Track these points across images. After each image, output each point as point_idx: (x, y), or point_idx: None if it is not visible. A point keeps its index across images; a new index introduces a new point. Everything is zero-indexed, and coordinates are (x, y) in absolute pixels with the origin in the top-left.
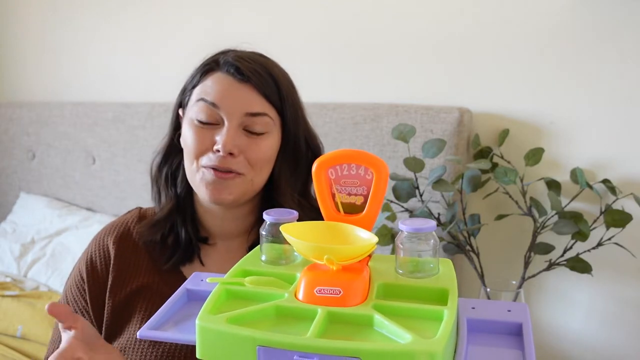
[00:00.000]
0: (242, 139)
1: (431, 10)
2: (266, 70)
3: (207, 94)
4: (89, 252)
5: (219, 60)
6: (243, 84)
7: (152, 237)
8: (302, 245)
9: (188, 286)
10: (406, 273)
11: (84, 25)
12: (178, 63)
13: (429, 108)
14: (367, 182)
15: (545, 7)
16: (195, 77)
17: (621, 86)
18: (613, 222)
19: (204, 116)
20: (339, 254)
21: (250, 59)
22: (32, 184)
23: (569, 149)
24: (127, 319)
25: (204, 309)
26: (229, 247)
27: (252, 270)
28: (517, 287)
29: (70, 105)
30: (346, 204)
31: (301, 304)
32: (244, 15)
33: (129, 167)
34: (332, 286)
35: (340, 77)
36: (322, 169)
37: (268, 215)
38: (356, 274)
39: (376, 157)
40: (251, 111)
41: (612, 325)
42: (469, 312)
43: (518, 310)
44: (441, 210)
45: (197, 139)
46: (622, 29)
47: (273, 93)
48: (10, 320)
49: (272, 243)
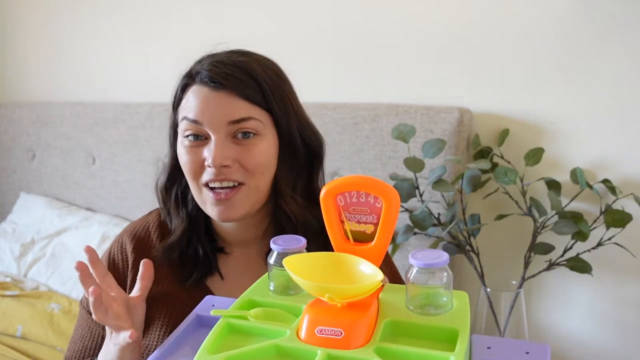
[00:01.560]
0: (231, 148)
1: (431, 11)
2: (243, 70)
3: (188, 111)
4: (111, 251)
5: (192, 72)
6: (219, 92)
7: (171, 257)
8: (304, 283)
9: (199, 312)
10: (417, 308)
11: (84, 25)
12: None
13: (429, 108)
14: (377, 211)
15: (546, 8)
16: (176, 94)
17: (621, 86)
18: (613, 222)
19: (191, 135)
20: (340, 293)
21: (224, 63)
22: (32, 184)
23: (569, 149)
24: (147, 325)
25: (203, 348)
26: (246, 255)
27: (259, 301)
28: (517, 287)
29: (70, 105)
30: (356, 232)
31: (301, 344)
32: (244, 16)
33: (129, 167)
34: (333, 327)
35: (340, 77)
36: (331, 195)
37: (275, 245)
38: (361, 312)
39: (386, 185)
40: (233, 118)
41: (612, 325)
42: (483, 354)
43: (537, 351)
44: (441, 210)
45: (189, 159)
46: (622, 29)
47: (254, 93)
48: (10, 320)
49: (280, 272)
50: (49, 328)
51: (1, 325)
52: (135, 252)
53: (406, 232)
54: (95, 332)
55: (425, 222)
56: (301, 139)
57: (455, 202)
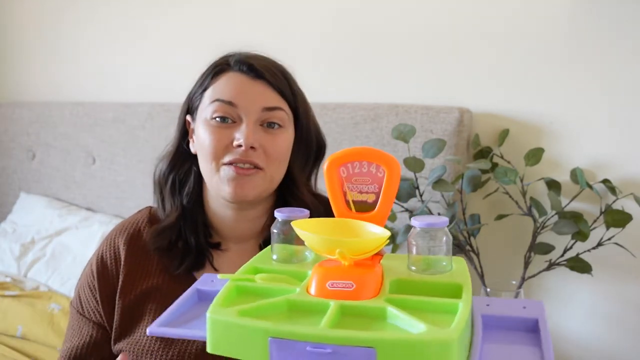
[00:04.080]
0: (260, 134)
1: (431, 11)
2: (276, 67)
3: (222, 93)
4: (100, 251)
5: (229, 60)
6: (257, 81)
7: (160, 244)
8: (314, 239)
9: (198, 286)
10: (418, 270)
11: (84, 25)
12: (178, 63)
13: (429, 108)
14: (379, 180)
15: (546, 8)
16: (205, 80)
17: (621, 86)
18: (613, 222)
19: (219, 116)
20: (351, 248)
21: (259, 57)
22: (32, 184)
23: (569, 149)
24: (137, 319)
25: (215, 302)
26: (242, 251)
27: (263, 268)
28: (517, 287)
29: (70, 105)
30: (357, 202)
31: (313, 298)
32: (244, 16)
33: (129, 167)
34: (344, 280)
35: (340, 77)
36: (334, 166)
37: (280, 213)
38: (369, 269)
39: (388, 155)
40: (268, 105)
41: (612, 325)
42: (483, 309)
43: (533, 306)
44: (441, 210)
45: (215, 137)
46: (622, 29)
47: (286, 88)
48: (10, 320)
49: (283, 242)
50: (49, 328)
51: (1, 325)
52: (127, 248)
53: (406, 232)
54: (84, 332)
55: None
56: (315, 138)
57: (455, 202)
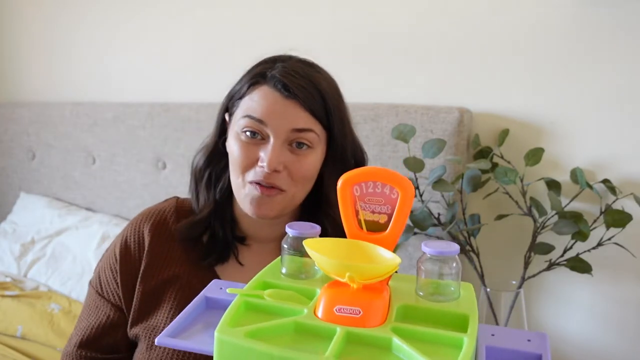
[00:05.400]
0: (286, 155)
1: (431, 11)
2: (313, 84)
3: (253, 110)
4: (125, 235)
5: (267, 73)
6: (289, 100)
7: (190, 236)
8: (325, 261)
9: (207, 294)
10: (426, 295)
11: (83, 25)
12: (178, 63)
13: (429, 108)
14: (392, 201)
15: (546, 7)
16: (242, 87)
17: (621, 86)
18: (613, 222)
19: (250, 132)
20: (361, 273)
21: (297, 72)
22: (32, 184)
23: (569, 149)
24: (155, 306)
25: (223, 321)
26: (264, 249)
27: (272, 283)
28: (517, 287)
29: (70, 105)
30: (369, 221)
31: (320, 321)
32: (244, 16)
33: (129, 167)
34: (352, 305)
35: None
36: (348, 185)
37: (291, 229)
38: (377, 294)
39: (403, 177)
40: (297, 127)
41: (612, 325)
42: (488, 340)
43: (538, 340)
44: (441, 210)
45: (242, 154)
46: (622, 29)
47: (319, 108)
48: (10, 320)
49: (293, 256)
50: (49, 328)
51: (1, 325)
52: (152, 235)
53: (406, 232)
54: (101, 312)
55: (425, 222)
56: (352, 155)
57: (455, 202)
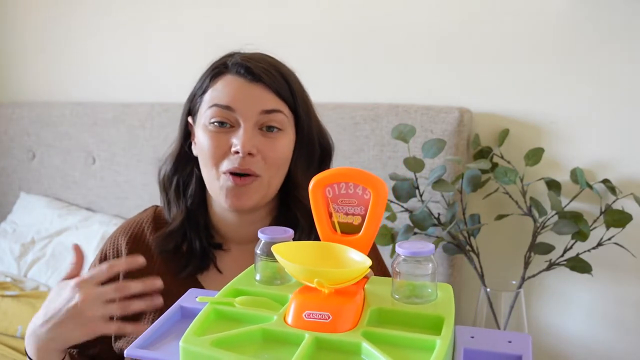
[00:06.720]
0: (258, 138)
1: (431, 10)
2: (275, 68)
3: (219, 98)
4: (104, 250)
5: (227, 62)
6: (255, 84)
7: (166, 248)
8: (293, 267)
9: (182, 303)
10: (402, 298)
11: (84, 25)
12: (178, 63)
13: (429, 108)
14: (365, 202)
15: (546, 7)
16: (204, 82)
17: (621, 86)
18: (613, 222)
19: (217, 121)
20: (329, 278)
21: (257, 59)
22: (32, 184)
23: (569, 149)
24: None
25: (190, 330)
26: (244, 252)
27: (245, 290)
28: (517, 287)
29: (70, 105)
30: (343, 223)
31: (289, 328)
32: (244, 15)
33: (129, 167)
34: (321, 310)
35: (340, 77)
36: (319, 187)
37: (263, 234)
38: (348, 298)
39: (375, 177)
40: (265, 108)
41: (612, 325)
42: (467, 342)
43: (519, 341)
44: (441, 210)
45: (213, 144)
46: (622, 29)
47: (285, 90)
48: (10, 320)
49: (267, 262)
50: None
51: (1, 325)
52: (129, 248)
53: (406, 232)
54: None
55: (425, 222)
56: (318, 140)
57: (455, 202)
